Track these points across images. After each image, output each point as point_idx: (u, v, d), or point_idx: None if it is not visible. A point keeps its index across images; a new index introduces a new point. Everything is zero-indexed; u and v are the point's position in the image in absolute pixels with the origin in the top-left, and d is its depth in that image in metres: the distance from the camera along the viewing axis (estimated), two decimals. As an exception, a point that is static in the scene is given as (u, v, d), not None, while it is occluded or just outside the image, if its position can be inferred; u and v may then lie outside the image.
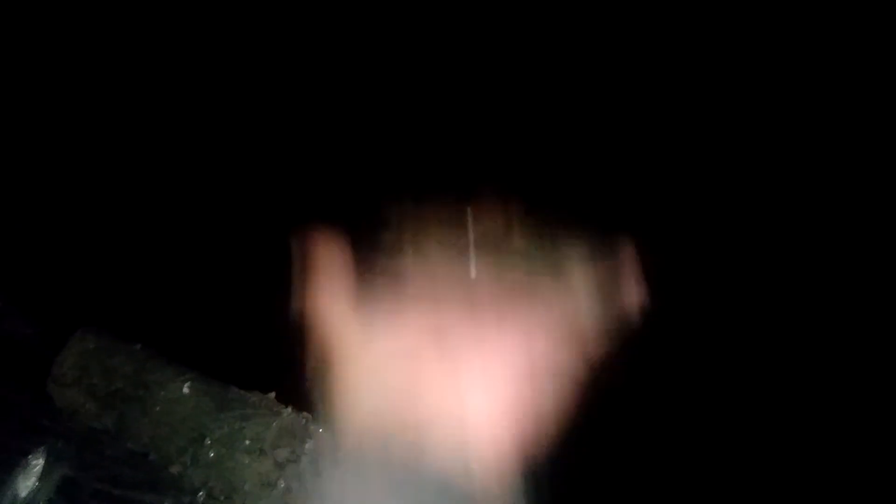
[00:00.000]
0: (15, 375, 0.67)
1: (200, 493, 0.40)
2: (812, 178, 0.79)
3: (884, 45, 0.77)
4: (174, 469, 0.40)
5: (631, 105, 0.90)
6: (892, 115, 0.73)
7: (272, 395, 0.51)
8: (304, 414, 0.47)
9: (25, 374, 0.65)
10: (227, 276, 0.56)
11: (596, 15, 0.91)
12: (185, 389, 0.45)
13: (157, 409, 0.44)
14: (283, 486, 0.41)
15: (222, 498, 0.40)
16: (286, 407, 0.47)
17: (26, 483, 0.63)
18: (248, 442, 0.43)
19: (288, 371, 0.48)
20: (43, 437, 0.63)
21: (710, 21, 0.83)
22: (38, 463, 0.64)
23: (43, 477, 0.61)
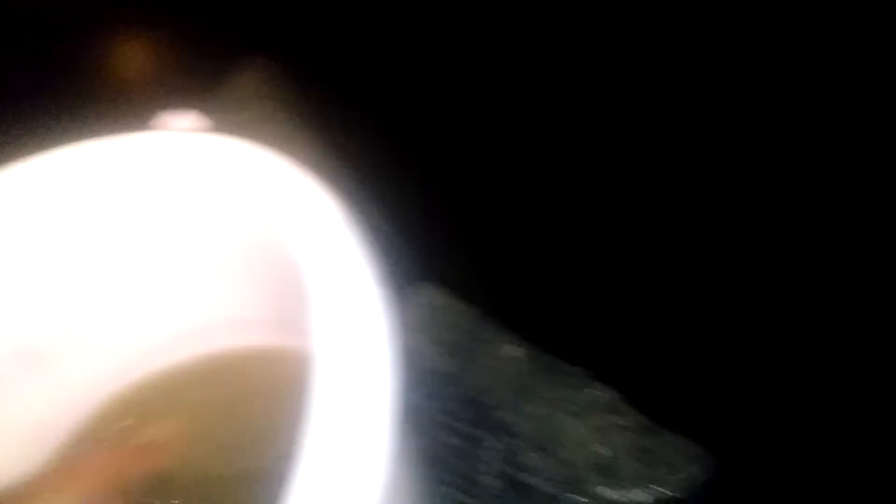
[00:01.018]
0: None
1: (525, 440, 0.43)
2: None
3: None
4: (501, 415, 0.44)
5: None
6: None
7: (589, 371, 0.52)
8: (615, 393, 0.47)
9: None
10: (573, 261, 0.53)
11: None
12: (515, 351, 0.49)
13: (490, 363, 0.49)
14: (597, 450, 0.43)
15: (543, 448, 0.43)
16: (600, 383, 0.48)
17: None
18: (568, 405, 0.46)
19: (603, 349, 0.48)
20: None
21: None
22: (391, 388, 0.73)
23: (395, 402, 0.70)
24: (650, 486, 0.44)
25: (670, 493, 0.43)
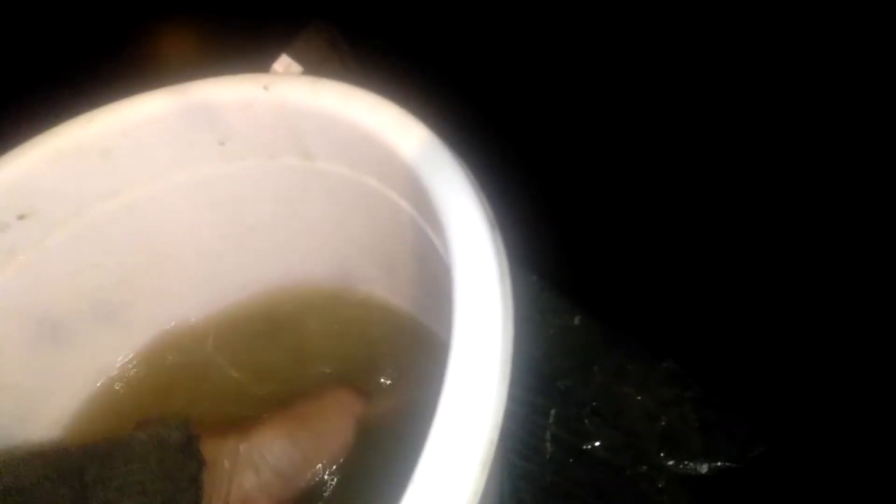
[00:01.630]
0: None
1: (587, 408, 0.43)
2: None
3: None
4: (564, 384, 0.44)
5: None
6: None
7: (652, 344, 0.53)
8: (678, 366, 0.47)
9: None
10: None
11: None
12: (577, 321, 0.49)
13: (551, 332, 0.49)
14: (659, 421, 0.43)
15: (606, 417, 0.43)
16: (667, 357, 0.48)
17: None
18: (631, 377, 0.46)
19: (666, 323, 0.48)
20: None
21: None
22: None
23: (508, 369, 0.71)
24: (711, 457, 0.44)
25: (731, 465, 0.43)
